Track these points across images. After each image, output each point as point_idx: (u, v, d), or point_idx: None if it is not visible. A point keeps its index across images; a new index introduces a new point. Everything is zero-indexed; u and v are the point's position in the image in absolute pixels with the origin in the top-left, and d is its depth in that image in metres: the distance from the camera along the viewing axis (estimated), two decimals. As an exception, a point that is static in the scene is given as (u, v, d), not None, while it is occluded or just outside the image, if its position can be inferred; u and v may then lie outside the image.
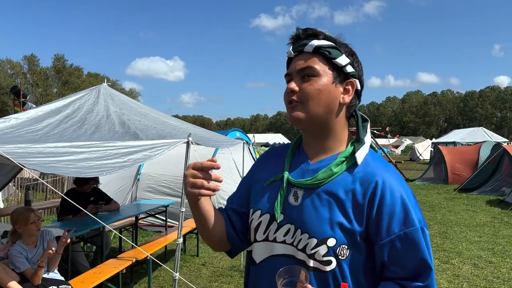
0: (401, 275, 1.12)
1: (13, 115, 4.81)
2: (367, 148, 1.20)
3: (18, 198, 10.09)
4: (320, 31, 1.21)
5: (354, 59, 1.22)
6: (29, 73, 61.06)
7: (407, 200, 1.12)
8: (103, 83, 5.99)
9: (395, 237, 1.10)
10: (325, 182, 1.15)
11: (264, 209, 1.23)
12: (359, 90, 1.24)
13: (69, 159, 3.31)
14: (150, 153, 4.18)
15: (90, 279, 3.98)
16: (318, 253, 1.11)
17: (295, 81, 1.19)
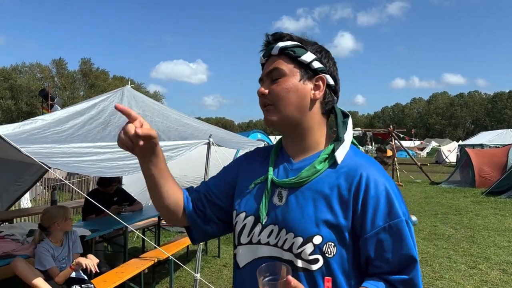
0: (386, 269, 1.10)
1: (40, 117, 4.93)
2: (347, 145, 1.20)
3: (45, 198, 10.35)
4: (286, 33, 1.23)
5: (322, 55, 1.23)
6: (57, 77, 62.70)
7: (391, 193, 1.12)
8: (126, 85, 6.08)
9: (380, 230, 1.10)
10: (309, 180, 1.16)
11: (249, 211, 1.23)
12: (332, 85, 1.24)
13: (92, 159, 3.37)
14: (171, 153, 4.22)
15: (112, 278, 4.03)
16: (304, 252, 1.11)
17: (265, 84, 1.22)
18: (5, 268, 3.91)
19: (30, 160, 3.03)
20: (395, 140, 19.51)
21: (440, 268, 5.91)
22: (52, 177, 10.58)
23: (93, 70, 65.33)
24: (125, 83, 6.61)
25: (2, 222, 5.96)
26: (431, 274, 5.67)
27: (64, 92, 57.54)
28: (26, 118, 6.73)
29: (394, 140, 19.42)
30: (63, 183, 10.45)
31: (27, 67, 62.95)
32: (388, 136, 20.19)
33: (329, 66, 1.23)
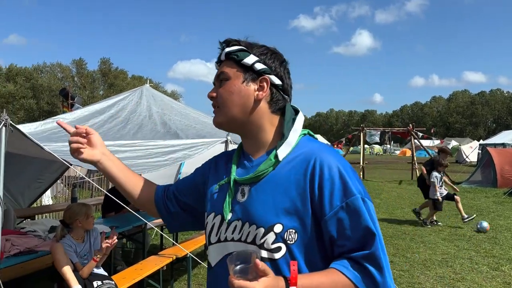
0: (349, 247, 1.13)
1: (61, 115, 5.03)
2: (292, 141, 1.23)
3: (65, 195, 10.54)
4: (233, 39, 1.30)
5: (267, 57, 1.27)
6: (77, 76, 63.79)
7: (344, 172, 1.16)
8: (145, 84, 6.15)
9: (338, 209, 1.13)
10: (267, 173, 1.21)
11: (216, 211, 1.29)
12: (279, 85, 1.27)
13: (113, 157, 3.41)
14: (189, 152, 4.25)
15: (131, 275, 4.08)
16: (267, 241, 1.15)
17: (214, 88, 1.30)
18: (27, 263, 4.00)
19: (51, 157, 3.08)
20: (415, 140, 19.23)
21: (461, 269, 5.80)
22: (72, 174, 10.77)
23: (112, 70, 66.24)
24: (144, 83, 6.68)
25: (24, 219, 6.09)
26: (452, 275, 5.57)
27: (84, 91, 58.49)
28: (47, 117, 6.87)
29: (414, 139, 19.14)
30: (83, 181, 10.63)
31: (48, 67, 64.28)
32: (407, 135, 19.92)
33: (275, 66, 1.28)
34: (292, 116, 1.28)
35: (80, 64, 64.75)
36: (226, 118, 1.26)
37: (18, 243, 3.46)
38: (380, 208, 10.98)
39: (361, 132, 19.60)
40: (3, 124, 2.44)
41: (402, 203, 11.99)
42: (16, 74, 59.84)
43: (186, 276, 5.18)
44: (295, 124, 1.26)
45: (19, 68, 62.29)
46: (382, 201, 12.50)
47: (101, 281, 3.60)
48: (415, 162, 18.27)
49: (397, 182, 18.20)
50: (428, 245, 7.03)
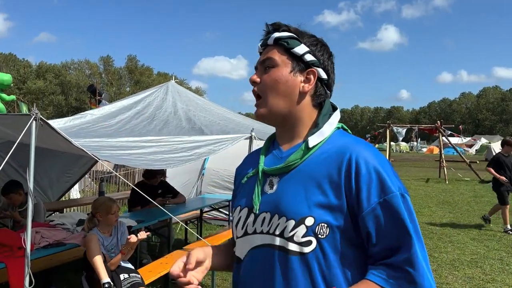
0: (386, 244, 1.09)
1: (89, 111, 5.13)
2: (326, 131, 1.20)
3: (93, 189, 10.77)
4: (283, 24, 1.24)
5: (317, 49, 1.23)
6: (104, 73, 65.13)
7: (382, 169, 1.11)
8: (171, 81, 6.20)
9: (376, 205, 1.09)
10: (297, 164, 1.17)
11: (243, 204, 1.25)
12: (325, 79, 1.24)
13: (139, 152, 3.46)
14: (214, 147, 4.26)
15: (157, 269, 4.13)
16: (296, 234, 1.10)
17: (258, 73, 1.25)
18: (56, 255, 4.11)
19: (80, 152, 3.14)
20: (443, 137, 18.79)
21: (491, 270, 5.63)
22: (100, 169, 10.99)
23: (138, 67, 67.34)
24: (169, 79, 6.74)
25: (53, 212, 6.25)
26: (482, 276, 5.42)
27: (111, 88, 59.67)
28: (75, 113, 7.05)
29: (442, 136, 18.71)
30: (110, 175, 10.84)
31: (75, 63, 65.87)
32: (434, 131, 19.48)
33: (323, 60, 1.23)
34: (329, 112, 1.24)
35: (108, 61, 66.07)
36: (269, 110, 1.22)
37: (48, 236, 3.55)
38: (406, 206, 10.78)
39: (387, 129, 19.28)
40: (34, 118, 2.50)
41: (429, 202, 11.74)
42: (46, 71, 61.58)
43: (210, 271, 5.21)
44: (331, 118, 1.23)
45: (49, 65, 64.09)
46: (408, 199, 12.27)
47: (127, 274, 3.66)
48: (443, 160, 17.86)
49: (424, 180, 17.85)
50: (457, 245, 6.86)
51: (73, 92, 59.42)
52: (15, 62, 61.40)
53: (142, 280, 3.69)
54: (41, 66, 63.83)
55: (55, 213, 6.33)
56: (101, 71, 65.56)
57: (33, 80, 58.61)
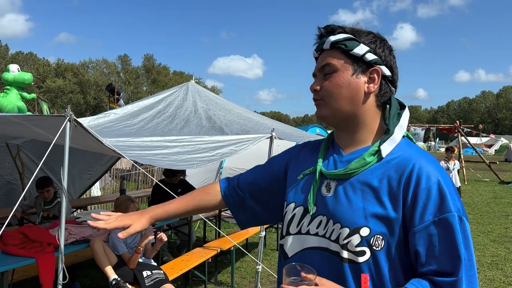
0: (434, 267, 1.04)
1: (112, 111, 5.23)
2: (397, 138, 1.15)
3: (113, 187, 10.95)
4: (338, 26, 1.19)
5: (377, 45, 1.17)
6: (122, 72, 65.87)
7: (444, 186, 1.06)
8: (191, 81, 6.28)
9: (430, 224, 1.04)
10: (358, 172, 1.13)
11: (298, 202, 1.23)
12: (389, 76, 1.18)
13: (163, 152, 3.53)
14: (236, 147, 4.31)
15: (179, 266, 4.21)
16: (351, 243, 1.09)
17: (318, 80, 1.20)
18: (81, 251, 4.22)
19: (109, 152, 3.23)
20: (461, 136, 18.52)
21: (513, 273, 5.57)
22: (119, 167, 11.18)
23: (155, 66, 67.91)
24: (185, 78, 6.84)
25: (75, 209, 6.39)
26: (503, 278, 5.36)
27: (128, 86, 60.34)
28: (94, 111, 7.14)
29: (460, 136, 18.43)
30: (129, 173, 11.00)
31: (93, 62, 66.75)
32: (453, 130, 19.20)
33: (385, 56, 1.18)
34: (397, 111, 1.19)
35: (125, 60, 66.83)
36: (331, 111, 1.17)
37: (75, 232, 3.65)
38: (425, 207, 10.69)
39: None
40: (68, 119, 2.59)
41: (448, 202, 11.60)
42: (65, 70, 62.54)
43: (230, 268, 5.28)
44: (401, 120, 1.18)
45: (67, 64, 65.08)
46: (427, 199, 12.14)
47: (150, 271, 3.74)
48: (462, 160, 17.61)
49: (442, 180, 17.62)
50: (477, 247, 6.78)
51: (91, 90, 60.26)
52: (35, 61, 62.55)
53: (166, 276, 3.77)
54: (60, 65, 64.88)
55: (78, 210, 6.47)
56: (119, 70, 66.34)
57: (52, 78, 59.62)
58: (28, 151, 6.21)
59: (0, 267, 3.09)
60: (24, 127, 3.12)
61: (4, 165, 6.20)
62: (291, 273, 1.03)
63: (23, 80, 9.36)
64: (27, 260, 3.22)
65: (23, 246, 3.33)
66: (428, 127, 20.78)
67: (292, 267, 1.04)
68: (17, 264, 3.20)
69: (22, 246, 3.33)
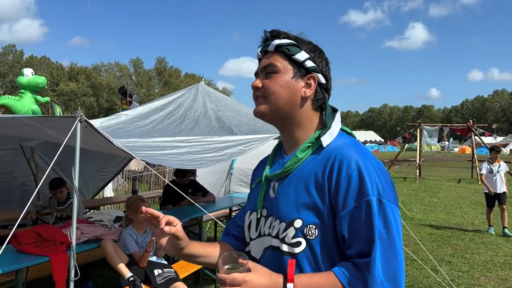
0: (357, 249, 1.09)
1: (123, 112, 5.32)
2: (334, 131, 1.23)
3: (125, 188, 11.07)
4: (283, 31, 1.28)
5: (316, 55, 1.27)
6: (134, 75, 66.49)
7: (364, 171, 1.11)
8: (201, 82, 6.34)
9: (351, 209, 1.10)
10: (292, 169, 1.22)
11: (252, 208, 1.33)
12: (324, 83, 1.28)
13: (173, 152, 3.58)
14: (244, 147, 4.35)
15: (190, 265, 4.25)
16: (287, 236, 1.15)
17: (260, 79, 1.28)
18: (94, 251, 4.29)
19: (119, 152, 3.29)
20: (475, 136, 18.30)
21: (526, 273, 5.50)
22: (132, 168, 11.30)
23: (167, 68, 68.41)
24: (196, 81, 6.89)
25: (88, 210, 6.50)
26: (516, 278, 5.30)
27: (140, 89, 60.86)
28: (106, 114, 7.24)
29: (474, 136, 18.22)
30: (141, 175, 11.12)
31: (105, 66, 67.50)
32: (467, 132, 18.98)
33: (322, 65, 1.27)
34: (331, 113, 1.29)
35: (137, 63, 67.45)
36: (270, 109, 1.25)
37: (87, 232, 3.72)
38: (438, 207, 10.60)
39: (418, 129, 18.93)
40: (79, 120, 2.65)
41: (461, 203, 11.49)
42: (77, 73, 63.35)
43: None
44: (336, 118, 1.27)
45: (80, 67, 65.92)
46: (440, 200, 12.05)
47: (161, 269, 3.80)
48: (475, 160, 17.40)
49: (456, 180, 17.44)
50: (489, 246, 6.71)
51: (104, 93, 60.94)
52: (49, 65, 63.47)
53: (176, 274, 3.82)
54: (73, 68, 65.75)
55: (91, 210, 6.57)
56: (131, 73, 66.98)
57: (66, 82, 60.44)
58: (42, 153, 6.33)
59: (15, 265, 3.16)
60: (36, 128, 3.21)
61: (19, 167, 6.33)
62: (227, 261, 1.09)
63: (37, 84, 9.54)
64: (41, 258, 3.29)
65: (36, 245, 3.41)
66: (441, 126, 20.58)
67: (229, 255, 1.10)
68: (31, 262, 3.28)
69: (36, 245, 3.41)
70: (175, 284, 3.72)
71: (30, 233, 3.48)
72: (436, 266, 5.42)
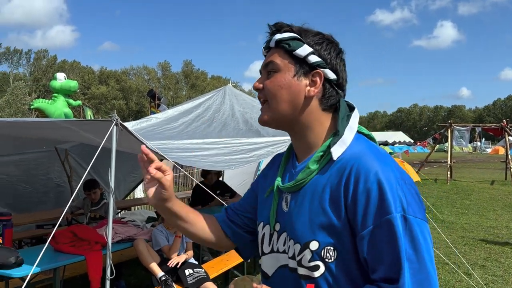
0: (382, 272, 0.97)
1: (154, 115, 5.45)
2: (347, 139, 1.07)
3: (154, 189, 11.28)
4: (285, 24, 1.14)
5: (322, 48, 1.11)
6: (162, 78, 67.66)
7: (385, 184, 0.97)
8: (228, 85, 6.42)
9: (371, 229, 0.97)
10: (305, 182, 1.08)
11: (265, 220, 1.20)
12: (333, 79, 1.11)
13: (202, 154, 3.66)
14: (272, 149, 4.38)
15: (219, 265, 4.32)
16: (304, 258, 1.04)
17: (261, 78, 1.16)
18: (126, 250, 4.40)
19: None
20: (509, 136, 17.72)
21: None
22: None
23: (193, 71, 69.29)
24: (222, 83, 6.97)
25: (120, 210, 6.66)
26: (554, 283, 5.12)
27: (168, 92, 61.86)
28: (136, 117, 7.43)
29: (508, 136, 17.64)
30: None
31: (134, 69, 68.98)
32: (500, 132, 18.40)
33: (330, 59, 1.11)
34: (346, 113, 1.13)
35: (165, 67, 68.64)
36: (272, 116, 1.13)
37: (120, 231, 3.84)
38: (470, 210, 10.33)
39: (449, 129, 18.49)
40: (114, 123, 2.76)
41: (495, 205, 11.16)
42: (107, 77, 64.97)
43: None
44: (350, 122, 1.11)
45: (109, 71, 67.60)
46: (472, 202, 11.73)
47: (192, 269, 3.87)
48: (509, 161, 16.84)
49: (489, 182, 16.93)
50: (526, 251, 6.51)
51: (133, 96, 62.28)
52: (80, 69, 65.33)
53: (207, 274, 3.89)
54: (103, 72, 67.47)
55: (123, 211, 6.74)
56: (159, 76, 68.20)
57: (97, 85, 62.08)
58: (75, 155, 6.53)
59: (53, 263, 3.29)
60: (73, 131, 3.35)
61: (54, 168, 6.55)
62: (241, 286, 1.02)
63: (69, 88, 9.83)
64: (77, 257, 3.41)
65: (73, 244, 3.54)
66: (472, 127, 20.03)
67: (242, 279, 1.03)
68: (68, 261, 3.41)
69: (72, 244, 3.53)
70: (205, 284, 3.78)
71: (66, 232, 3.61)
72: (469, 270, 5.29)
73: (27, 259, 3.13)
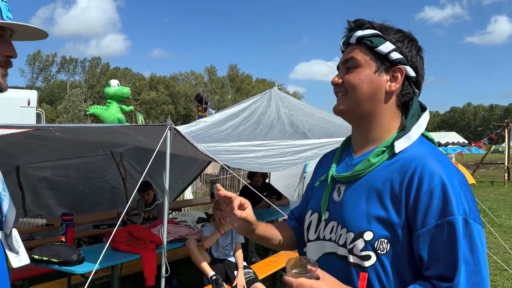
0: (437, 271, 1.00)
1: (202, 119, 5.62)
2: (413, 136, 1.11)
3: (203, 191, 11.55)
4: (367, 21, 1.18)
5: (404, 45, 1.14)
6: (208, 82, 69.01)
7: (449, 187, 1.00)
8: (274, 87, 6.48)
9: (432, 228, 1.00)
10: (363, 174, 1.12)
11: (314, 208, 1.24)
12: (413, 77, 1.15)
13: (250, 156, 3.74)
14: (319, 151, 4.39)
15: (267, 266, 4.38)
16: (356, 247, 1.07)
17: (340, 74, 1.19)
18: (178, 250, 4.57)
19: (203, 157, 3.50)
20: None
21: None
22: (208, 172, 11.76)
23: (239, 75, 70.11)
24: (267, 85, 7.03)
25: (172, 211, 6.89)
26: None
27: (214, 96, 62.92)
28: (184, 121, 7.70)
29: None
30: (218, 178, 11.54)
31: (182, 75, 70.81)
32: None
33: (411, 56, 1.15)
34: (417, 112, 1.16)
35: (212, 71, 69.94)
36: (350, 107, 1.16)
37: (173, 231, 3.99)
38: (530, 214, 9.76)
39: (506, 129, 17.55)
40: (168, 128, 2.91)
41: (559, 209, 10.47)
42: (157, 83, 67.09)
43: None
44: (419, 120, 1.14)
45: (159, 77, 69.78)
46: (532, 205, 11.08)
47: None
48: None
49: (553, 184, 15.90)
50: None
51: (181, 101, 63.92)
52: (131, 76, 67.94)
53: (255, 275, 3.96)
54: (153, 78, 69.76)
55: (174, 212, 6.97)
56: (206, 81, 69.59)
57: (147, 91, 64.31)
58: (129, 158, 6.83)
59: (111, 261, 3.48)
60: (129, 136, 3.54)
61: (109, 171, 6.89)
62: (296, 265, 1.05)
63: (122, 94, 10.30)
64: (133, 256, 3.59)
65: (129, 243, 3.72)
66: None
67: (299, 259, 1.06)
68: (125, 259, 3.59)
69: (128, 243, 3.71)
70: (254, 285, 3.85)
71: (123, 232, 3.80)
72: (530, 277, 5.03)
73: (87, 257, 3.32)
